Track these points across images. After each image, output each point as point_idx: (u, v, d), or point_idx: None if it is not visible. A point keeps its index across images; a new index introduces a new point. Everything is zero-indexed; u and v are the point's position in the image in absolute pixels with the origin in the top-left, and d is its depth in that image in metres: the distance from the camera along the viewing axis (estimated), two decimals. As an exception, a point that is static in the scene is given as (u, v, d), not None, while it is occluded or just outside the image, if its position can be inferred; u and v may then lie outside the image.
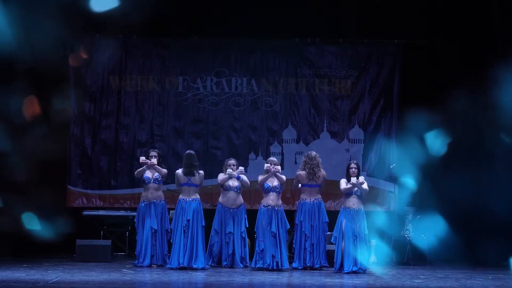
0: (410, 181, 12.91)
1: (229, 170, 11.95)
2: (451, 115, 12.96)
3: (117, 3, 12.43)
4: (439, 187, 13.12)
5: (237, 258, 11.87)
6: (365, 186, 11.59)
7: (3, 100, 12.63)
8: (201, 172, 11.86)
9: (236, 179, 11.98)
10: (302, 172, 11.87)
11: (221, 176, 12.05)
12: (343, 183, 11.63)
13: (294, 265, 11.82)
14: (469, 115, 13.04)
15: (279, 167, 11.74)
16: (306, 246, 11.73)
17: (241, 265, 11.85)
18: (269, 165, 11.75)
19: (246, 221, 12.02)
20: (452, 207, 13.04)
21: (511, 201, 12.82)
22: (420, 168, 12.84)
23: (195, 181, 11.77)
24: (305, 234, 11.74)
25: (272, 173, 11.66)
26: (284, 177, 11.79)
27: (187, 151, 11.98)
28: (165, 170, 12.07)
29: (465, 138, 13.28)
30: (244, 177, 11.99)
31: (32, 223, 12.76)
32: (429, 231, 12.85)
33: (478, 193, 12.89)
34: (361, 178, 11.53)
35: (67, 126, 14.33)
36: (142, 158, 12.05)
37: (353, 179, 11.51)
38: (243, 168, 12.02)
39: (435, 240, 12.69)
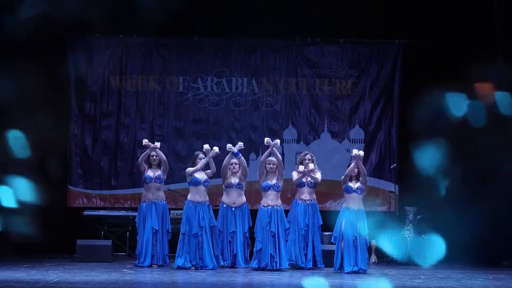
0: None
1: (229, 145, 11.91)
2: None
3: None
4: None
5: (240, 258, 11.86)
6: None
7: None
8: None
9: (237, 178, 11.96)
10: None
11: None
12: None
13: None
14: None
15: (278, 141, 11.66)
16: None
17: (243, 265, 11.85)
18: (268, 139, 11.71)
19: (250, 220, 12.01)
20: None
21: None
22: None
23: (202, 182, 11.79)
24: (301, 234, 11.74)
25: (272, 147, 11.58)
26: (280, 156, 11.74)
27: (196, 152, 11.96)
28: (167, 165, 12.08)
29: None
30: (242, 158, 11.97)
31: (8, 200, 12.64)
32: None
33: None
34: (361, 152, 11.49)
35: (68, 124, 14.36)
36: (145, 141, 12.05)
37: (355, 151, 11.46)
38: (242, 143, 11.94)
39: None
